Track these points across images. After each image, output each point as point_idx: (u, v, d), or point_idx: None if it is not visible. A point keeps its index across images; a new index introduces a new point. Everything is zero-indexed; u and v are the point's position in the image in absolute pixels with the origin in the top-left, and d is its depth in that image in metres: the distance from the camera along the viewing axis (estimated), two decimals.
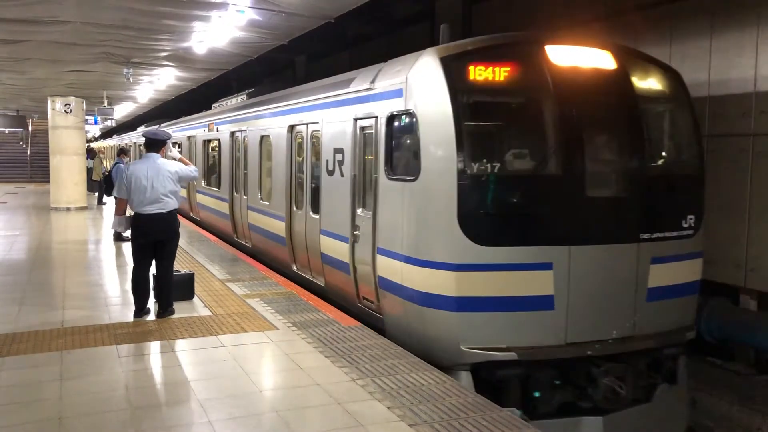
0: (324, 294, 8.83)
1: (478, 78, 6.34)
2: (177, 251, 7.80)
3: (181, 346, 6.55)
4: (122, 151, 16.01)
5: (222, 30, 10.66)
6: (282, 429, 4.63)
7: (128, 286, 8.01)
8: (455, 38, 7.67)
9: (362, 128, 7.75)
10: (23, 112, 32.77)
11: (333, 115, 8.60)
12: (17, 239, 14.13)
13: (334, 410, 4.95)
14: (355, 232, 7.75)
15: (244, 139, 13.02)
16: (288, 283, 9.48)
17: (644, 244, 6.62)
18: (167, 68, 15.98)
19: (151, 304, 7.64)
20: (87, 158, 22.16)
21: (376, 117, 7.31)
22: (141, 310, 7.52)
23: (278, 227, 10.61)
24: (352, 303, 8.02)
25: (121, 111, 30.64)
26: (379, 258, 7.15)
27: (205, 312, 7.77)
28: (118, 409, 4.96)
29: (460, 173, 6.17)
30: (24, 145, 39.54)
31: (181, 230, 7.84)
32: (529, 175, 6.68)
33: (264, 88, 14.12)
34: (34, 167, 38.76)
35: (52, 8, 9.76)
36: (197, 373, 5.79)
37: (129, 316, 7.55)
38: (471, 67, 6.34)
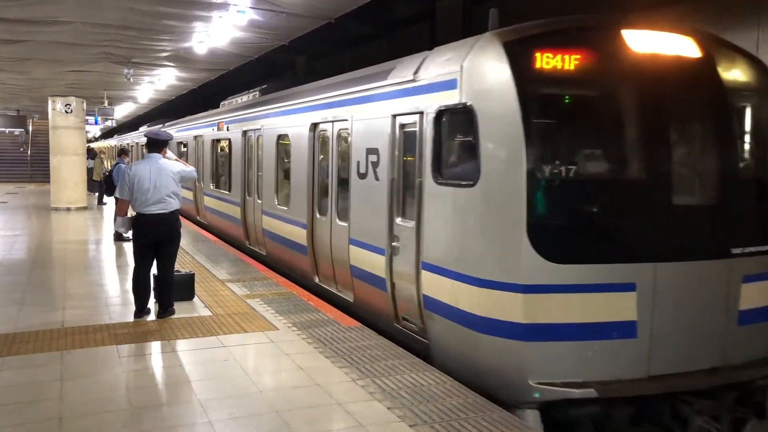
0: (352, 311, 7.99)
1: (549, 66, 5.45)
2: (178, 251, 7.80)
3: (182, 346, 6.55)
4: (123, 152, 15.98)
5: (222, 30, 10.67)
6: (282, 429, 4.63)
7: (129, 286, 8.02)
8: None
9: (402, 126, 6.87)
10: (23, 112, 32.78)
11: (365, 111, 7.70)
12: (17, 239, 14.13)
13: (335, 411, 4.95)
14: (394, 244, 6.90)
15: (258, 138, 12.16)
16: (288, 284, 9.48)
17: (736, 260, 5.70)
18: (168, 68, 16.00)
19: (152, 304, 7.65)
20: (87, 158, 22.17)
21: (421, 113, 6.42)
22: (141, 310, 7.52)
23: (298, 235, 9.70)
24: (387, 323, 7.18)
25: (122, 111, 30.65)
26: (425, 274, 6.28)
27: (205, 312, 7.77)
28: (119, 409, 4.96)
29: (530, 177, 5.31)
30: (24, 150, 39.48)
31: (182, 231, 7.84)
32: (609, 180, 5.82)
33: (279, 84, 13.33)
34: (35, 167, 38.81)
35: (52, 8, 9.77)
36: (197, 373, 5.79)
37: (129, 316, 7.56)
38: (540, 54, 5.43)
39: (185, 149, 19.20)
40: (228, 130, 14.31)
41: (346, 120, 8.18)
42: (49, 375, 5.63)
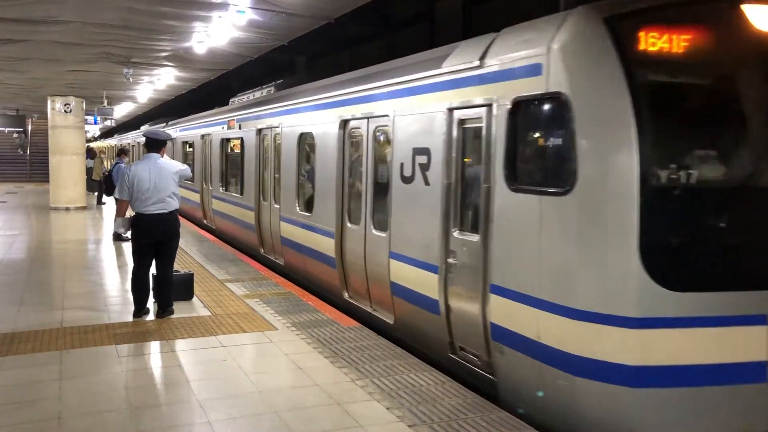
0: (391, 334, 7.07)
1: (663, 46, 4.56)
2: (177, 251, 7.80)
3: (181, 346, 6.55)
4: (122, 152, 15.98)
5: (222, 30, 10.66)
6: (281, 429, 4.63)
7: (128, 286, 8.03)
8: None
9: (462, 121, 5.88)
10: (23, 111, 32.75)
11: (412, 105, 6.73)
12: (17, 239, 14.13)
13: (334, 411, 4.95)
14: (450, 260, 5.92)
15: (275, 137, 11.20)
16: (287, 284, 9.48)
17: None
18: (167, 68, 15.98)
19: (151, 304, 7.65)
20: (87, 158, 22.17)
21: (490, 105, 5.40)
22: (140, 310, 7.52)
23: (324, 245, 8.69)
24: (439, 352, 6.24)
25: (121, 111, 30.63)
26: (494, 299, 5.31)
27: (204, 312, 7.77)
28: (118, 409, 4.96)
29: (643, 183, 4.40)
30: (22, 153, 39.35)
31: (182, 231, 7.85)
32: (740, 188, 4.82)
33: (293, 79, 12.52)
34: (34, 167, 38.79)
35: (52, 8, 9.76)
36: (196, 373, 5.79)
37: (128, 316, 7.55)
38: (650, 32, 4.56)
39: (191, 149, 18.61)
40: (240, 128, 13.29)
41: (386, 116, 7.21)
42: (48, 374, 5.63)
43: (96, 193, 22.21)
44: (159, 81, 18.26)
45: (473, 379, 5.75)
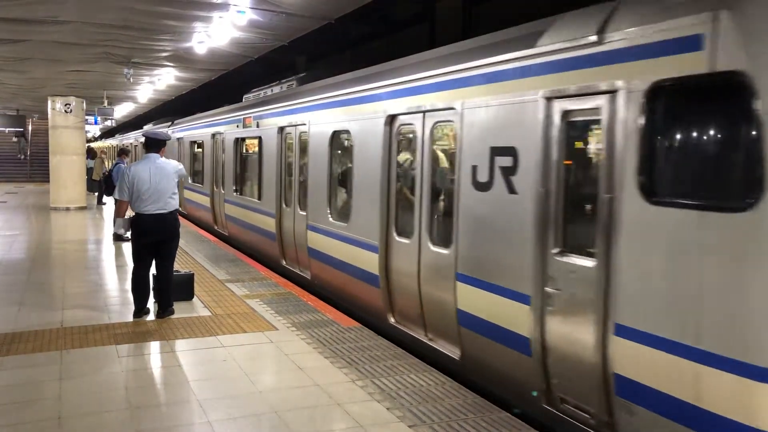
0: (456, 373, 5.93)
1: None
2: (177, 251, 7.80)
3: (181, 346, 6.55)
4: (123, 152, 15.97)
5: (222, 30, 10.66)
6: (281, 429, 4.63)
7: (128, 286, 8.02)
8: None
9: (566, 113, 4.76)
10: (23, 111, 32.78)
11: (489, 95, 5.54)
12: (17, 239, 14.13)
13: (334, 411, 4.95)
14: (549, 289, 4.83)
15: (300, 135, 10.06)
16: (287, 284, 9.48)
17: None
18: (167, 68, 15.99)
19: (151, 304, 7.65)
20: (87, 158, 22.18)
21: (614, 92, 4.32)
22: (140, 310, 7.52)
23: (364, 259, 7.62)
24: (527, 401, 5.17)
25: (122, 111, 30.65)
26: (622, 344, 4.21)
27: (204, 312, 7.77)
28: (118, 409, 4.96)
29: None
30: (22, 157, 39.26)
31: (182, 231, 7.85)
32: None
33: (317, 72, 11.40)
34: (34, 167, 38.80)
35: (52, 8, 9.77)
36: (197, 374, 5.79)
37: (128, 316, 7.55)
38: None
39: (200, 149, 17.72)
40: (258, 126, 12.08)
41: (453, 108, 6.03)
42: (49, 375, 5.63)
43: (96, 194, 22.22)
44: (159, 81, 18.28)
45: None
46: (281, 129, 10.85)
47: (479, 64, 5.71)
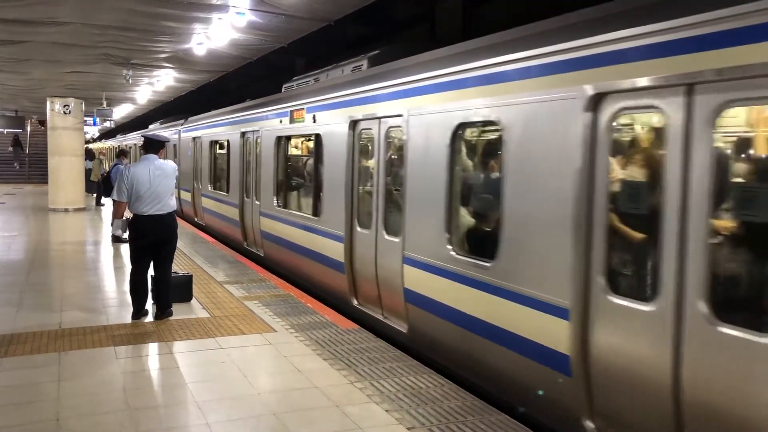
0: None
1: None
2: (175, 253, 7.79)
3: (179, 347, 6.54)
4: (122, 153, 15.97)
5: (222, 32, 10.66)
6: (280, 431, 4.62)
7: (126, 287, 8.02)
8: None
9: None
10: (22, 112, 32.75)
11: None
12: (15, 240, 14.12)
13: (333, 413, 4.94)
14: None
15: (387, 132, 7.38)
16: (286, 285, 9.47)
17: None
18: (167, 70, 15.98)
19: (149, 305, 7.64)
20: (86, 159, 22.17)
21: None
22: (139, 311, 7.51)
23: (540, 331, 4.86)
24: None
25: (121, 112, 30.64)
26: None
27: (203, 314, 7.76)
28: (116, 410, 4.95)
29: None
30: (18, 167, 39.04)
31: (180, 233, 7.84)
32: None
33: (395, 48, 8.93)
34: (32, 168, 38.75)
35: (51, 9, 9.77)
36: (195, 375, 5.78)
37: (127, 317, 7.54)
38: None
39: (222, 150, 15.41)
40: (315, 121, 9.47)
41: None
42: (47, 376, 5.62)
43: (95, 195, 22.21)
44: (158, 82, 18.26)
45: None
46: (354, 124, 8.19)
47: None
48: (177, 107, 23.51)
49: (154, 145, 7.61)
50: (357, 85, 8.30)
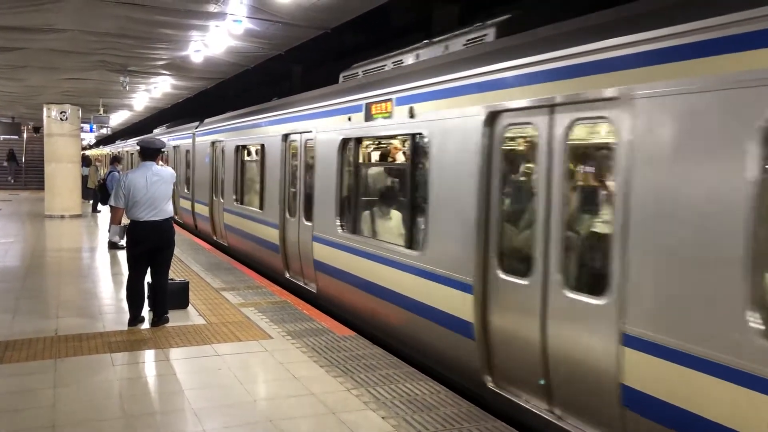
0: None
1: None
2: (172, 259, 7.80)
3: (176, 354, 6.53)
4: (115, 159, 15.98)
5: (219, 39, 10.69)
6: None
7: (123, 294, 8.01)
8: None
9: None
10: (18, 119, 32.72)
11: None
12: (11, 246, 14.09)
13: (329, 420, 4.94)
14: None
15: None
16: (282, 292, 9.47)
17: None
18: (164, 77, 16.00)
19: (146, 312, 7.64)
20: (82, 166, 22.16)
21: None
22: (135, 318, 7.51)
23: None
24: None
25: (117, 119, 30.65)
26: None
27: (199, 321, 7.76)
28: (112, 417, 4.94)
29: None
30: (12, 181, 38.87)
31: (177, 239, 7.84)
32: None
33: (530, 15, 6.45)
34: (29, 174, 38.67)
35: (49, 16, 9.78)
36: (191, 382, 5.78)
37: (123, 324, 7.53)
38: None
39: (250, 157, 12.96)
40: (413, 116, 6.66)
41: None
42: (43, 383, 5.61)
43: (91, 201, 22.19)
44: (155, 89, 18.28)
45: None
46: (493, 116, 5.51)
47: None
48: (184, 110, 23.32)
49: (149, 153, 7.61)
50: (473, 66, 5.86)
